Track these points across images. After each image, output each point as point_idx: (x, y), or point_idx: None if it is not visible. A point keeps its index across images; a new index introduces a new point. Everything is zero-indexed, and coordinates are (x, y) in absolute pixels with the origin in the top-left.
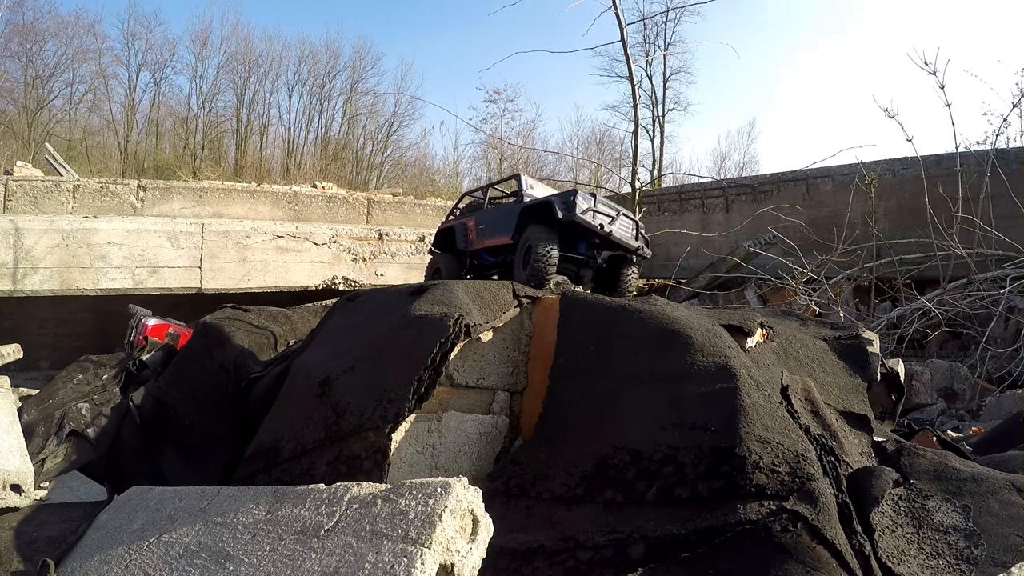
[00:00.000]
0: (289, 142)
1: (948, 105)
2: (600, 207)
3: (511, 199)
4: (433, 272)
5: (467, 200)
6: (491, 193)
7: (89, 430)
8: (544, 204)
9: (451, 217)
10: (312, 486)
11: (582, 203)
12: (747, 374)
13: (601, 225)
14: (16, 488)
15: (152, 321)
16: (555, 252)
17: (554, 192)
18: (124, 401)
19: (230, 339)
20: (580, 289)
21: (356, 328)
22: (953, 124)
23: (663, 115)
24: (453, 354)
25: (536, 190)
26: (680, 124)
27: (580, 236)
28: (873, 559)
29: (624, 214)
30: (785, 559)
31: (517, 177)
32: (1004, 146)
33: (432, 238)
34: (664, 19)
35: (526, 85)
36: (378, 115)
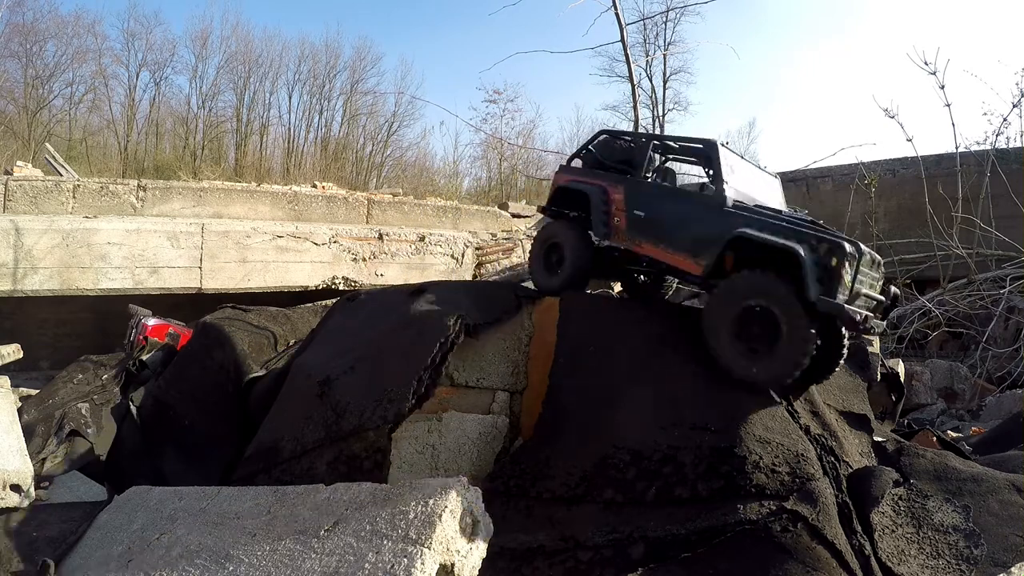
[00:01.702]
0: (289, 142)
1: (948, 105)
2: (866, 275)
3: (689, 183)
4: (546, 249)
5: (606, 145)
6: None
7: (89, 430)
8: (782, 254)
9: (581, 164)
10: (312, 486)
11: (846, 276)
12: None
13: (866, 318)
14: (16, 488)
15: (152, 321)
16: (813, 338)
17: (789, 213)
18: (124, 401)
19: (230, 339)
20: None
21: (356, 328)
22: (953, 124)
23: (663, 115)
24: (453, 354)
25: (739, 177)
26: (680, 124)
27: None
28: (873, 559)
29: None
30: (785, 559)
31: (711, 147)
32: (1004, 146)
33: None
34: (664, 19)
35: (526, 85)
36: (378, 115)
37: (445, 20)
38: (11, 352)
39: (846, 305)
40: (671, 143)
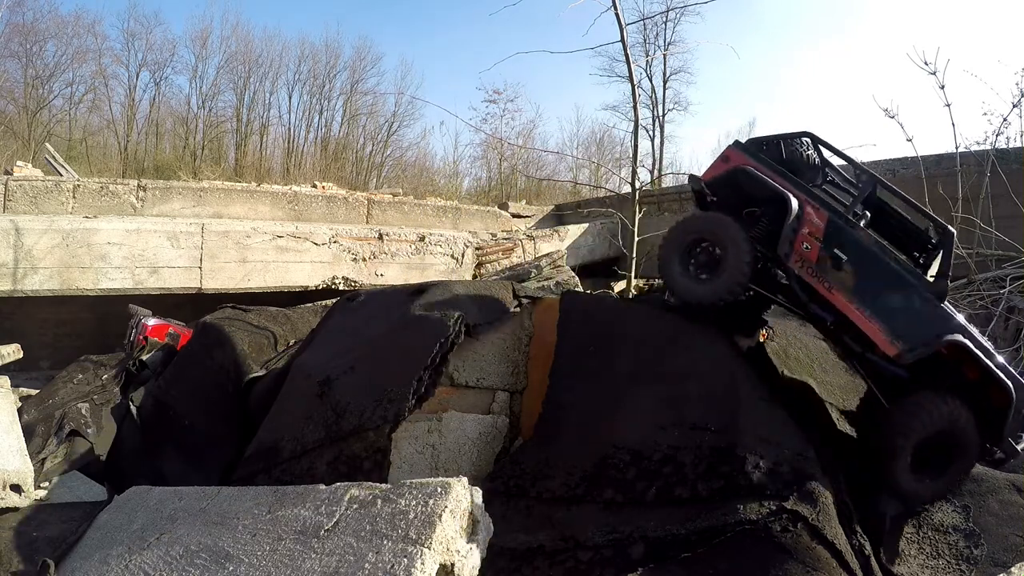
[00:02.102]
0: (289, 142)
1: (948, 105)
2: None
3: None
4: (690, 244)
5: (797, 148)
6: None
7: (89, 430)
8: (986, 378)
9: (764, 156)
10: (312, 486)
11: None
12: (747, 374)
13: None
14: (16, 488)
15: (152, 321)
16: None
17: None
18: (124, 401)
19: (230, 339)
20: None
21: (356, 328)
22: (953, 124)
23: (663, 115)
24: (453, 354)
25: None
26: (680, 124)
27: None
28: (873, 559)
29: None
30: (785, 559)
31: (948, 237)
32: (1004, 146)
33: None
34: (664, 19)
35: (526, 85)
36: (378, 115)
37: (445, 20)
38: (11, 352)
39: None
40: (891, 198)
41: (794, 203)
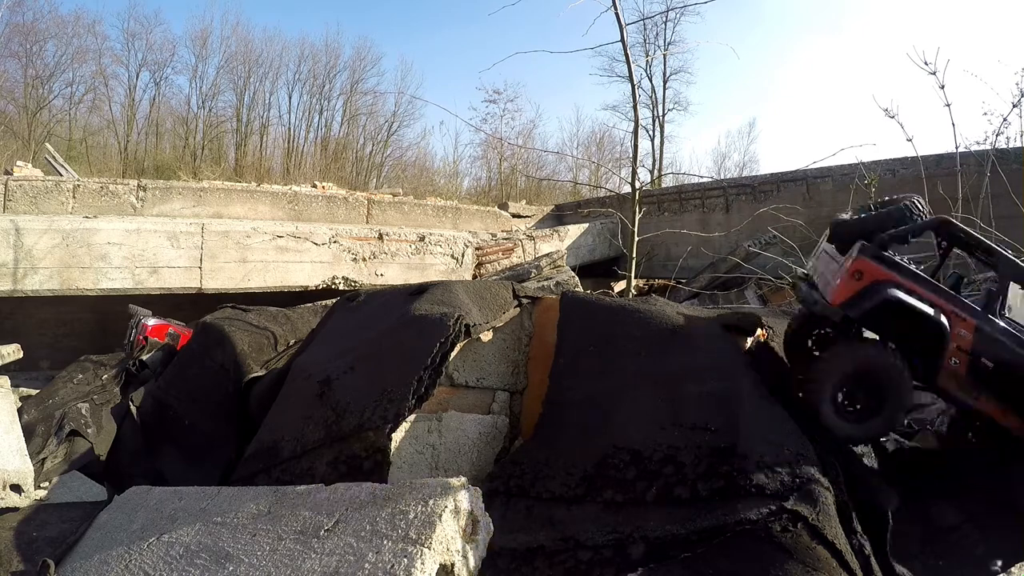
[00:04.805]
0: (289, 142)
1: (948, 105)
2: None
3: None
4: (844, 379)
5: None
6: None
7: (89, 430)
8: None
9: (898, 262)
10: (312, 486)
11: None
12: (747, 374)
13: None
14: (16, 488)
15: (152, 321)
16: None
17: None
18: (124, 401)
19: (230, 339)
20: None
21: (356, 328)
22: (953, 124)
23: (663, 115)
24: (453, 354)
25: None
26: (680, 124)
27: None
28: (873, 559)
29: None
30: (785, 559)
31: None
32: (1004, 146)
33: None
34: (664, 19)
35: (526, 85)
36: (378, 115)
37: (445, 20)
38: (11, 352)
39: None
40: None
41: (945, 323)
